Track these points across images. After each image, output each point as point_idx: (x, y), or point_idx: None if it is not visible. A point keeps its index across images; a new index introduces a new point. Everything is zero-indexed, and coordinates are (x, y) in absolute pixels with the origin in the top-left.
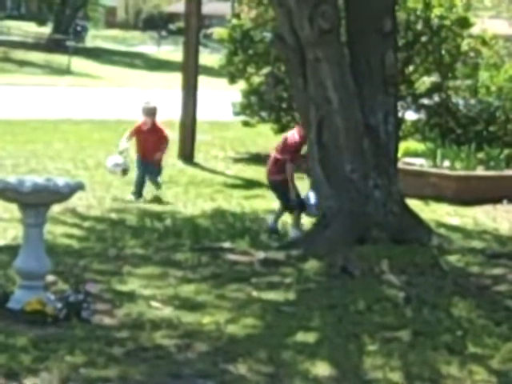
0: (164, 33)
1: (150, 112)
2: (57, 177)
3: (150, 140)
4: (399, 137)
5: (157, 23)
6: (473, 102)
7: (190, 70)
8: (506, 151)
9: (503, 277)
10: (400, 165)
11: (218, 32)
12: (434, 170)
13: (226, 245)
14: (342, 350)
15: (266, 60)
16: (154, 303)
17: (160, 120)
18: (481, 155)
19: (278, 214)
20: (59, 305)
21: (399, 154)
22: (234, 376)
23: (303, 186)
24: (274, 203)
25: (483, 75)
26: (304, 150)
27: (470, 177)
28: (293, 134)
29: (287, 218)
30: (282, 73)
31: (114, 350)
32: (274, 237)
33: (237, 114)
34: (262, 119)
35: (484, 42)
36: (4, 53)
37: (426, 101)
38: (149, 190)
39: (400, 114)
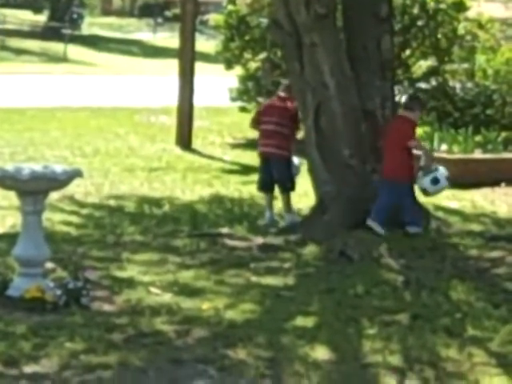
0: (160, 20)
1: None
2: (54, 164)
3: None
4: None
5: (153, 10)
6: (470, 85)
7: (187, 57)
8: (504, 134)
9: (502, 259)
10: None
11: (215, 18)
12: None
13: (225, 230)
14: (341, 333)
15: (263, 45)
16: (153, 289)
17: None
18: (478, 138)
19: (287, 201)
20: (58, 292)
21: None
22: (234, 361)
23: (302, 170)
24: None
25: (480, 59)
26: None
27: (468, 160)
28: (287, 103)
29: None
30: (278, 58)
31: (114, 336)
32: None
33: (234, 99)
34: (258, 104)
35: (480, 26)
36: (0, 41)
37: (423, 85)
38: None
39: (397, 99)
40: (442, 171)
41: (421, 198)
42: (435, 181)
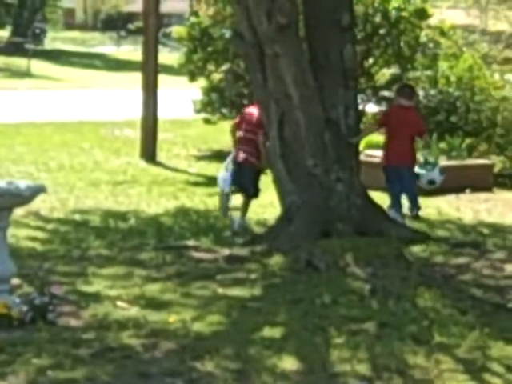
0: (123, 33)
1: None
2: (19, 180)
3: None
4: (360, 130)
5: (116, 23)
6: (433, 92)
7: (150, 69)
8: (468, 141)
9: (467, 266)
10: (362, 157)
11: (177, 30)
12: None
13: (190, 243)
14: (309, 343)
15: (226, 57)
16: (119, 303)
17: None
18: (442, 145)
19: (245, 207)
20: (25, 308)
21: (361, 147)
22: (202, 373)
23: (267, 180)
24: (236, 200)
25: (442, 66)
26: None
27: None
28: (255, 111)
29: (253, 213)
30: (241, 69)
31: (81, 351)
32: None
33: (198, 111)
34: (223, 116)
35: (442, 33)
36: None
37: (386, 93)
38: None
39: (361, 107)
40: (437, 171)
41: (387, 206)
42: (432, 182)
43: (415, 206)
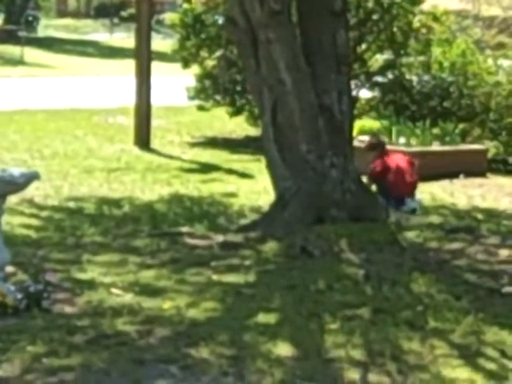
0: (116, 20)
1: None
2: (13, 167)
3: None
4: (354, 115)
5: (108, 10)
6: (426, 78)
7: (143, 57)
8: (461, 126)
9: (462, 251)
10: (356, 143)
11: (170, 17)
12: (389, 147)
13: (185, 229)
14: (304, 329)
15: (219, 43)
16: (114, 290)
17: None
18: (436, 131)
19: None
20: (19, 295)
21: (355, 133)
22: (196, 360)
23: (261, 167)
24: (231, 186)
25: (436, 51)
26: None
27: (426, 152)
28: None
29: (247, 200)
30: (234, 56)
31: (76, 338)
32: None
33: (191, 98)
34: (216, 103)
35: (435, 18)
36: None
37: (379, 78)
38: None
39: (354, 93)
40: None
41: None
42: (413, 211)
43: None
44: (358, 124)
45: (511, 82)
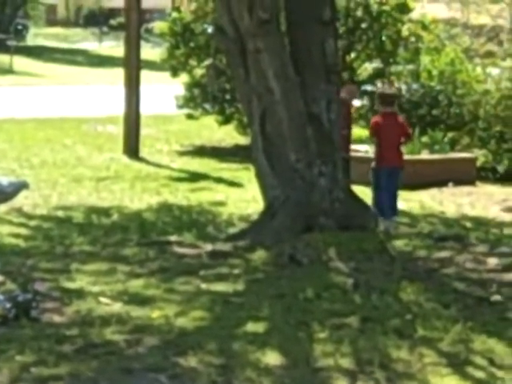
0: (105, 29)
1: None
2: (1, 177)
3: None
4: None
5: (98, 19)
6: (415, 86)
7: (132, 65)
8: (450, 134)
9: (450, 259)
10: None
11: (159, 26)
12: None
13: (173, 238)
14: (292, 338)
15: (208, 52)
16: (102, 299)
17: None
18: (425, 139)
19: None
20: (8, 305)
21: None
22: (185, 369)
23: (250, 175)
24: (219, 195)
25: (424, 59)
26: None
27: (415, 161)
28: None
29: (236, 209)
30: (223, 64)
31: (65, 347)
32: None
33: (180, 107)
34: (205, 111)
35: (424, 27)
36: None
37: (368, 87)
38: None
39: None
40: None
41: (370, 200)
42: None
43: (395, 208)
44: None
45: (500, 91)
